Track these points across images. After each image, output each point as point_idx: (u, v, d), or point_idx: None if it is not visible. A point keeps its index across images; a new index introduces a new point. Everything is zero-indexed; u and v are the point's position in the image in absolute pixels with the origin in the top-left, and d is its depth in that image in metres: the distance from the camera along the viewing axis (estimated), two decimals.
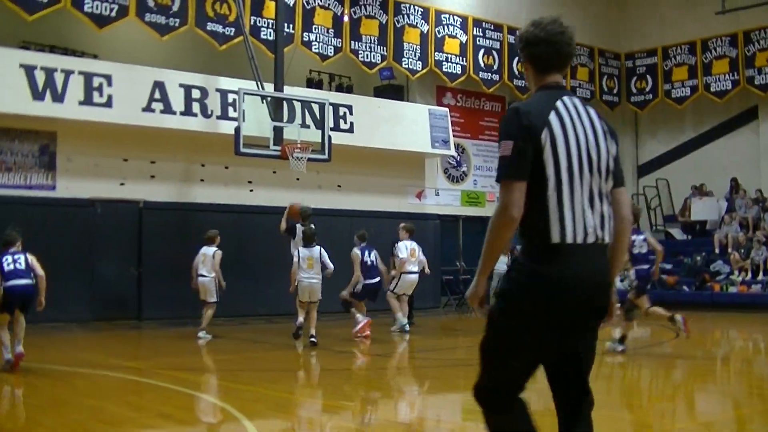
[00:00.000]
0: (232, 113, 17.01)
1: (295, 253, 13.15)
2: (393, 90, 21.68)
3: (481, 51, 22.54)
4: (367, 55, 20.27)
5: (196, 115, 17.02)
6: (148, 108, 16.45)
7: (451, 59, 21.91)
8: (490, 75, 22.71)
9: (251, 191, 18.68)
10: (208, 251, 14.04)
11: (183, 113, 16.84)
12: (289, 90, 17.50)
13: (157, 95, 16.57)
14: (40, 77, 15.33)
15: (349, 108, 19.33)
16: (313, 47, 19.30)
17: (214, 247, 14.05)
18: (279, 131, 16.62)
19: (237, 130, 15.98)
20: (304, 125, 16.97)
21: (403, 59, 20.90)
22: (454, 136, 21.55)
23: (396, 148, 20.09)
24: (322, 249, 13.01)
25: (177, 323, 16.22)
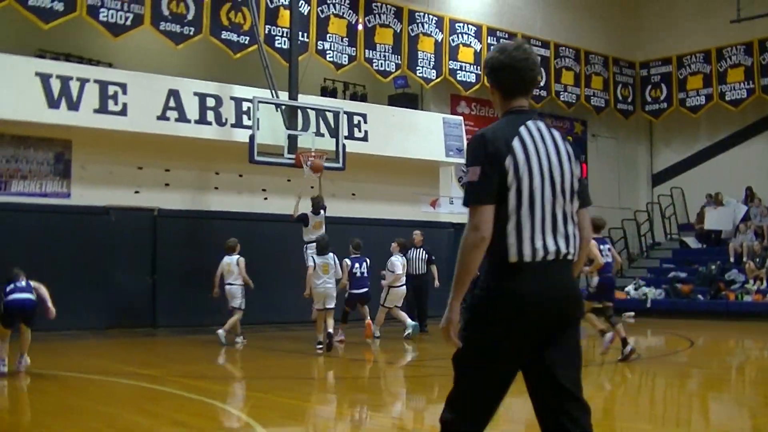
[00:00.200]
0: (246, 121, 17.04)
1: (311, 260, 13.25)
2: (407, 98, 21.66)
3: None
4: (382, 64, 20.30)
5: (210, 124, 17.06)
6: (162, 116, 16.50)
7: (466, 68, 21.91)
8: None
9: (265, 199, 18.69)
10: (231, 260, 14.12)
11: (197, 121, 16.90)
12: (304, 98, 17.53)
13: (172, 103, 16.62)
14: (55, 85, 15.40)
15: (364, 116, 19.35)
16: (328, 56, 19.33)
17: (236, 255, 14.12)
18: (293, 140, 16.64)
19: (251, 138, 16.02)
20: (318, 134, 17.02)
21: (418, 68, 20.91)
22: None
23: (410, 156, 20.08)
24: (335, 256, 13.22)
25: (191, 331, 16.28)
